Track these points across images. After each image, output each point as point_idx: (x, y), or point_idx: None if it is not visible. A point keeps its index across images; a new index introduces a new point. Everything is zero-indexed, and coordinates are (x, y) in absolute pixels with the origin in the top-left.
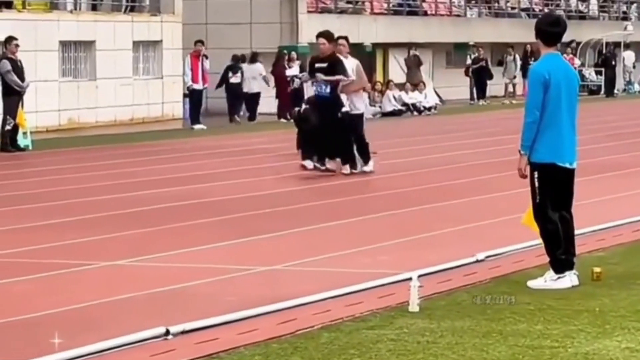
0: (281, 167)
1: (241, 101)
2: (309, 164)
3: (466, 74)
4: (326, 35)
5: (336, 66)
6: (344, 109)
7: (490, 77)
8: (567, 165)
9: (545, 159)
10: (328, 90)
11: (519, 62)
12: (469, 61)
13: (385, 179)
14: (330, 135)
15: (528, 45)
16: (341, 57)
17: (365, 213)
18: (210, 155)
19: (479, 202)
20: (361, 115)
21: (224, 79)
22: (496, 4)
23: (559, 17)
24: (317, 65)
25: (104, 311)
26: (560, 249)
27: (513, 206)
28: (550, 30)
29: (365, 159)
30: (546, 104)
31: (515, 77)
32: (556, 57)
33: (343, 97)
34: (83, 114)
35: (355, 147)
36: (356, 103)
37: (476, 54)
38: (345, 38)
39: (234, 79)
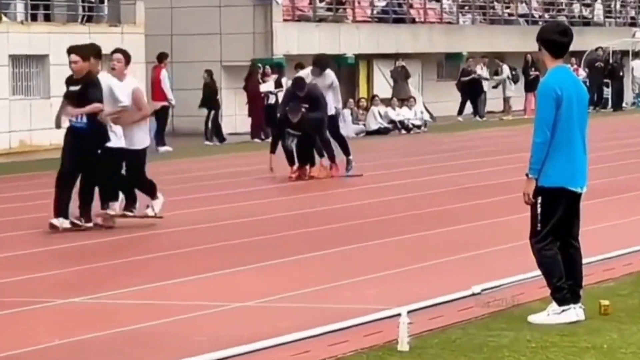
0: (253, 193)
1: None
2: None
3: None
4: (79, 50)
5: (88, 90)
6: (116, 144)
7: (482, 91)
8: (578, 190)
9: (555, 182)
10: (84, 120)
11: (506, 72)
12: (485, 73)
13: (371, 204)
14: (87, 179)
15: (528, 55)
16: (112, 78)
17: (349, 242)
18: (176, 180)
19: (475, 229)
20: (143, 151)
21: None
22: (492, 10)
23: (567, 26)
24: (70, 88)
25: (63, 353)
26: (561, 279)
27: (513, 234)
28: (560, 40)
29: (152, 195)
30: (557, 123)
31: (498, 85)
32: (566, 70)
33: (118, 129)
34: (36, 135)
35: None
36: (135, 136)
37: (465, 65)
38: (123, 52)
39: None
